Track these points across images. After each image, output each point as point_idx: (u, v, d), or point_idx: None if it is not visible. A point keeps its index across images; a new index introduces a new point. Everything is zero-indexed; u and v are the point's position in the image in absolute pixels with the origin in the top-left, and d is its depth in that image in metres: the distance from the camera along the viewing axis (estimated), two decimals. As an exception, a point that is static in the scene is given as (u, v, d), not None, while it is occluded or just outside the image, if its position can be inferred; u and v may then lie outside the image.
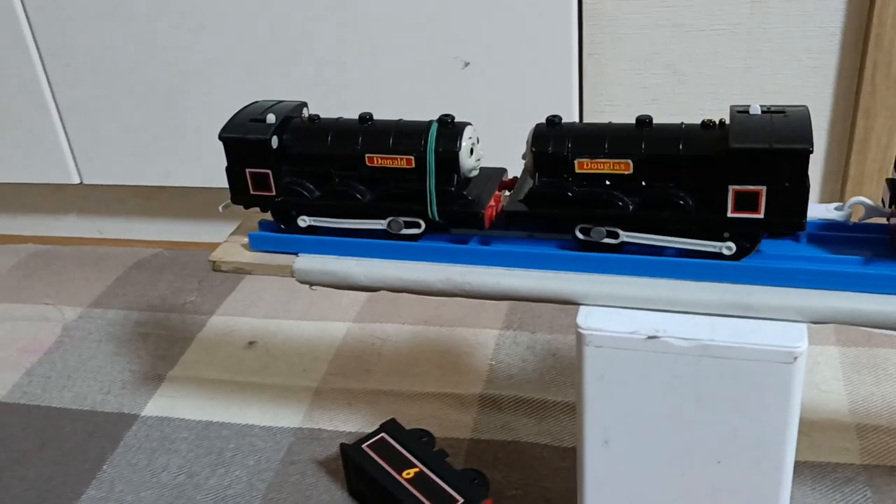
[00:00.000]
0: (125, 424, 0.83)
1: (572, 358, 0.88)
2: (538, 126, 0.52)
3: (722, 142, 0.47)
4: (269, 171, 0.55)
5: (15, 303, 1.07)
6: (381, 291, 0.99)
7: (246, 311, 1.01)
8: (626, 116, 0.56)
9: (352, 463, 0.70)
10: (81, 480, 0.76)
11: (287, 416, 0.82)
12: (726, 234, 0.50)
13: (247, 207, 0.59)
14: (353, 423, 0.81)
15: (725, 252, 0.50)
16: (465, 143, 0.53)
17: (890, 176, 0.53)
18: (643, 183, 0.50)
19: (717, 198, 0.48)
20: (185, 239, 1.20)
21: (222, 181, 1.14)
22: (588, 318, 0.49)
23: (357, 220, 0.55)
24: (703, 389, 0.49)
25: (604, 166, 0.50)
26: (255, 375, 0.89)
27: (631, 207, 0.51)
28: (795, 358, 0.46)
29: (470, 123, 0.54)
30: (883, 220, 0.52)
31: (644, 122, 0.51)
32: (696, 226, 0.50)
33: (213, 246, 1.22)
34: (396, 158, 0.53)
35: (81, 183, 1.13)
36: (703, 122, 0.50)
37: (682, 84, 0.95)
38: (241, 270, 0.57)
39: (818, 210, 0.55)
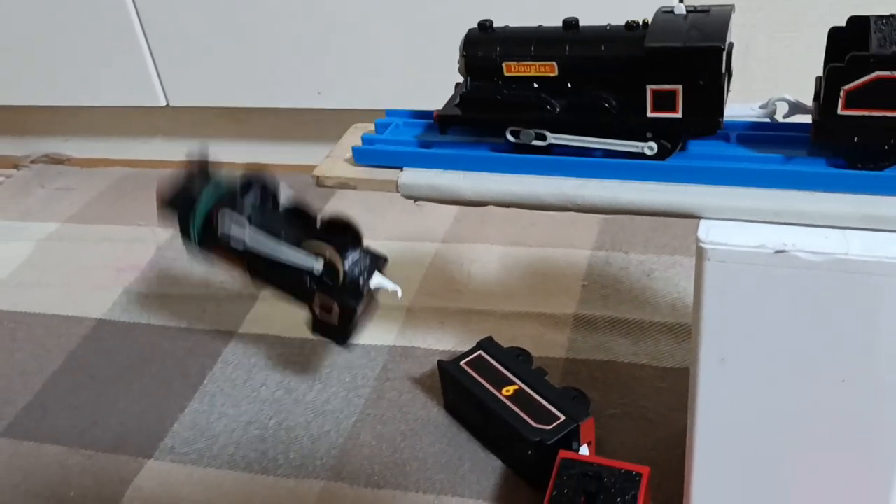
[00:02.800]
0: (223, 341, 0.85)
1: (667, 278, 0.86)
2: (470, 31, 0.53)
3: (641, 42, 0.47)
4: None
5: (109, 224, 1.09)
6: (468, 214, 0.98)
7: (334, 232, 1.01)
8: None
9: (449, 380, 0.71)
10: (184, 394, 0.79)
11: (381, 335, 0.83)
12: (648, 135, 0.50)
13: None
14: (446, 342, 0.81)
15: (647, 152, 0.50)
16: None
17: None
18: (569, 85, 0.51)
19: (638, 98, 0.48)
20: (268, 160, 1.20)
21: (306, 101, 1.13)
22: (710, 232, 0.47)
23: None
24: (832, 306, 0.46)
25: (530, 69, 0.51)
26: (346, 295, 0.89)
27: (558, 110, 0.51)
28: (937, 273, 0.44)
29: None
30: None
31: (570, 24, 0.51)
32: (620, 127, 0.50)
33: (299, 167, 1.22)
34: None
35: (168, 105, 1.14)
36: (628, 22, 0.50)
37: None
38: (345, 185, 0.56)
39: (742, 109, 0.54)
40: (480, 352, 0.71)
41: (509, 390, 0.67)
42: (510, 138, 0.52)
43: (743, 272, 0.47)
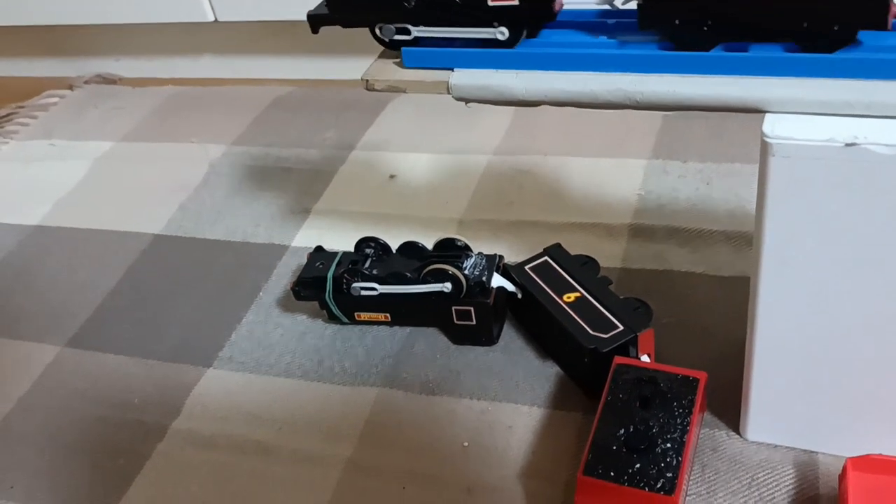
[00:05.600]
0: (276, 255, 0.86)
1: (726, 186, 0.83)
2: None
3: None
4: None
5: (161, 142, 1.10)
6: (520, 125, 0.96)
7: (384, 146, 1.00)
8: None
9: (513, 283, 0.70)
10: (240, 305, 0.80)
11: (433, 247, 0.82)
12: (495, 24, 0.52)
13: None
14: (499, 253, 0.80)
15: (500, 37, 0.52)
16: None
17: None
18: None
19: None
20: (317, 76, 1.19)
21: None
22: (775, 126, 0.45)
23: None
24: (904, 202, 0.44)
25: None
26: (398, 208, 0.89)
27: (413, 4, 0.53)
28: None
29: None
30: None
31: None
32: (466, 17, 0.52)
33: (347, 83, 1.21)
34: None
35: (216, 21, 1.13)
36: None
37: None
38: (394, 89, 0.55)
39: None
40: (546, 257, 0.70)
41: (570, 297, 0.66)
42: (378, 34, 0.55)
43: (810, 168, 0.45)
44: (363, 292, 0.70)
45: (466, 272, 0.68)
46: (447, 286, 0.68)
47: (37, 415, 0.72)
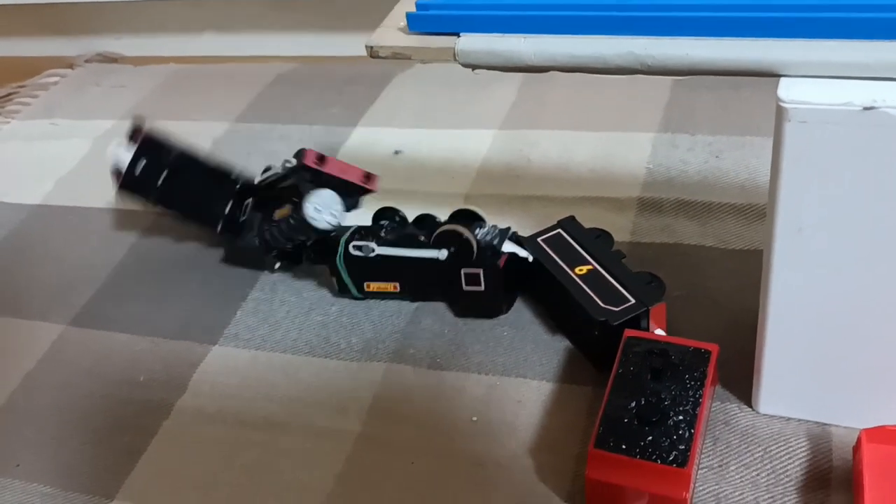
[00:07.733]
0: (281, 231, 0.85)
1: (737, 158, 0.82)
2: None
3: None
4: None
5: (163, 120, 1.08)
6: (527, 98, 0.95)
7: (389, 122, 0.99)
8: None
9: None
10: (246, 282, 0.79)
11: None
12: None
13: None
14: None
15: None
16: None
17: None
18: None
19: None
20: (321, 53, 1.18)
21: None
22: (791, 90, 0.44)
23: None
24: (924, 166, 0.43)
25: None
26: (404, 183, 0.88)
27: None
28: None
29: None
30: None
31: None
32: None
33: (350, 59, 1.19)
34: None
35: (217, -4, 1.12)
36: None
37: None
38: (399, 55, 0.54)
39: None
40: (559, 230, 0.69)
41: (582, 269, 0.65)
42: None
43: (827, 133, 0.44)
44: (370, 254, 0.70)
45: (478, 236, 0.68)
46: (443, 253, 0.67)
47: (42, 393, 0.71)
